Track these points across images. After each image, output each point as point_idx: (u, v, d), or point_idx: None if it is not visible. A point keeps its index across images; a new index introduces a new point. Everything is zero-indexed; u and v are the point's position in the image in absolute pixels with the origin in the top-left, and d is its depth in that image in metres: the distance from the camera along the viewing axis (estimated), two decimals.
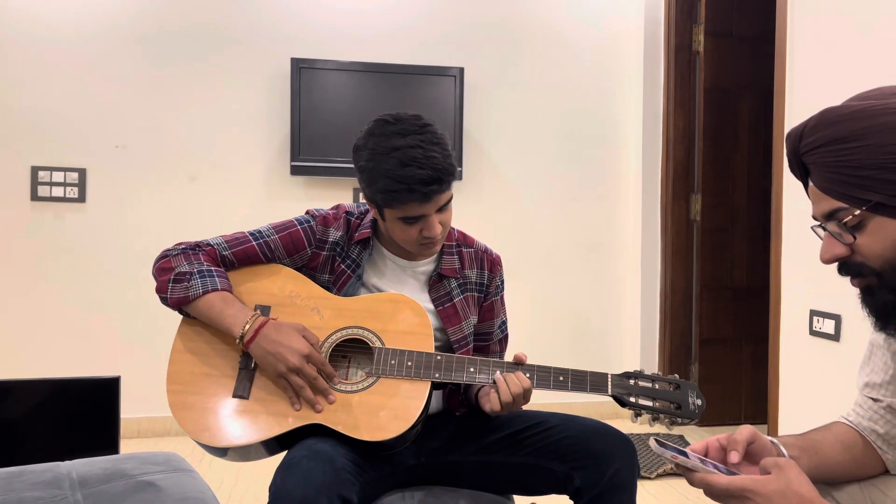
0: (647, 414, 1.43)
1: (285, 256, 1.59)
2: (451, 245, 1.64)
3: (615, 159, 3.90)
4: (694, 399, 1.42)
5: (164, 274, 1.52)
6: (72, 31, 3.40)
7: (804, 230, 2.66)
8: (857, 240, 0.99)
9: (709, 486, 0.97)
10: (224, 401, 1.47)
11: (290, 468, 1.31)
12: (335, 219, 1.61)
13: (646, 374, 1.45)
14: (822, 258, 1.03)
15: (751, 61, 3.71)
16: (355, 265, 1.59)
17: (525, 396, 1.44)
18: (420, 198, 1.44)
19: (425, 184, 1.43)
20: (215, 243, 1.57)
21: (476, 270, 1.66)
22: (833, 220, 1.01)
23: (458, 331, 1.61)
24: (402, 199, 1.45)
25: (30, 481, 1.51)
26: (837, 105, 1.02)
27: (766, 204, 3.31)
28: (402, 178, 1.42)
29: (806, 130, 1.02)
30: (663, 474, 3.02)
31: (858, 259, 1.00)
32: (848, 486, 1.13)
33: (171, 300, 1.51)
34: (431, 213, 1.48)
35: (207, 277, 1.49)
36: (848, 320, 2.47)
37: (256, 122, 3.57)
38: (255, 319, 1.46)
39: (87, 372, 3.10)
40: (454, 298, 1.62)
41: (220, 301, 1.48)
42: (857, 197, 0.97)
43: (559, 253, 3.86)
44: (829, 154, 0.99)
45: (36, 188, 3.39)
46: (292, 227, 1.59)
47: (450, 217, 1.54)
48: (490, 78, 3.75)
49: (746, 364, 3.81)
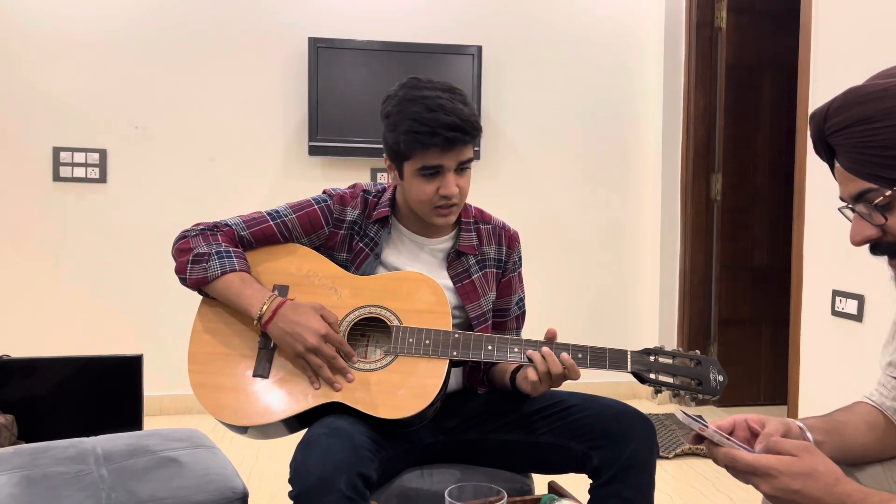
0: (667, 391, 1.41)
1: (303, 236, 1.59)
2: (468, 222, 1.64)
3: (635, 138, 3.86)
4: (715, 375, 1.40)
5: (183, 255, 1.53)
6: (92, 14, 3.41)
7: (827, 210, 2.63)
8: (889, 220, 0.98)
9: (733, 462, 0.97)
10: (244, 380, 1.48)
11: (310, 445, 1.32)
12: (352, 197, 1.61)
13: (666, 350, 1.43)
14: (853, 240, 1.02)
15: (774, 38, 3.65)
16: (373, 244, 1.59)
17: (566, 375, 1.41)
18: (442, 143, 1.45)
19: (449, 128, 1.44)
20: (233, 224, 1.57)
21: (494, 246, 1.66)
22: (862, 202, 0.99)
23: (476, 307, 1.61)
24: (424, 142, 1.45)
25: (55, 456, 1.54)
26: (861, 84, 1.00)
27: (788, 184, 3.27)
28: (427, 120, 1.45)
29: (831, 111, 1.00)
30: (681, 454, 3.02)
31: (891, 239, 0.99)
32: (870, 467, 1.12)
33: (190, 281, 1.52)
34: (451, 166, 1.49)
35: (226, 258, 1.50)
36: (871, 300, 2.44)
37: (274, 103, 3.57)
38: (273, 300, 1.46)
39: (111, 350, 3.15)
40: (472, 275, 1.62)
41: (238, 281, 1.49)
42: (887, 177, 0.95)
43: (577, 232, 3.84)
44: (856, 135, 0.97)
45: (58, 169, 3.42)
46: (309, 207, 1.59)
47: (468, 183, 1.54)
48: (508, 56, 3.71)
49: (765, 345, 3.78)
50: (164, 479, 1.47)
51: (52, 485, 1.42)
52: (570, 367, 1.41)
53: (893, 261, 1.01)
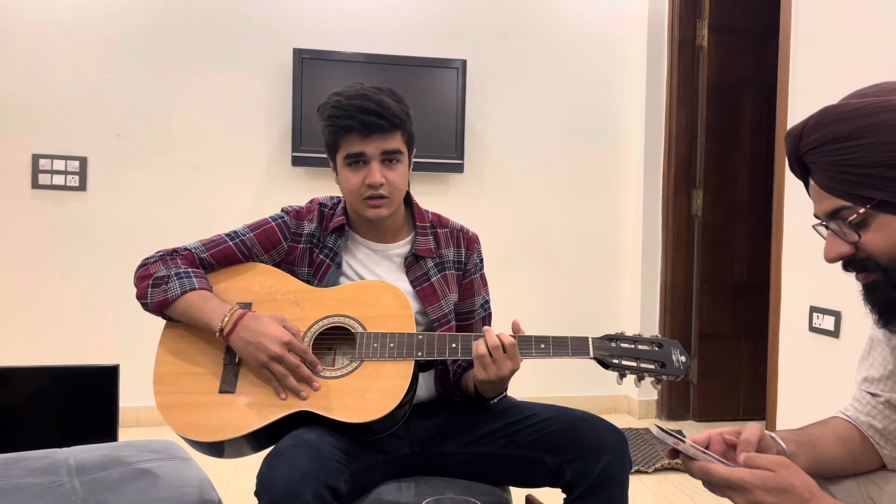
0: (631, 374, 1.41)
1: (262, 253, 1.61)
2: (424, 226, 1.66)
3: (617, 153, 3.89)
4: (678, 356, 1.41)
5: (143, 281, 1.55)
6: (74, 20, 3.39)
7: (805, 227, 2.65)
8: (862, 237, 0.99)
9: (708, 475, 0.97)
10: (211, 397, 1.47)
11: (277, 457, 1.32)
12: (308, 211, 1.64)
13: (627, 335, 1.44)
14: (827, 257, 1.03)
15: (754, 57, 3.70)
16: (333, 253, 1.61)
17: (510, 356, 1.41)
18: (359, 126, 1.49)
19: (364, 112, 1.48)
20: (192, 247, 1.60)
21: (453, 249, 1.68)
22: (836, 219, 1.00)
23: (437, 309, 1.62)
24: (342, 125, 1.50)
25: (27, 467, 1.52)
26: (836, 103, 1.01)
27: (767, 200, 3.30)
28: (345, 106, 1.50)
29: (806, 130, 1.02)
30: (661, 469, 3.02)
31: (863, 255, 1.00)
32: (845, 482, 1.13)
33: (152, 304, 1.52)
34: (374, 154, 1.52)
35: (185, 278, 1.51)
36: (848, 317, 2.46)
37: (258, 113, 3.56)
38: (234, 312, 1.47)
39: (87, 360, 3.11)
40: (431, 278, 1.63)
41: (199, 299, 1.49)
42: (860, 195, 0.97)
43: (560, 246, 3.85)
44: (831, 153, 0.98)
45: (37, 176, 3.38)
46: (266, 225, 1.62)
47: (399, 177, 1.56)
48: (492, 70, 3.74)
49: (745, 360, 3.81)
50: (138, 490, 1.45)
51: (24, 496, 1.39)
52: (510, 345, 1.40)
53: (860, 275, 1.03)
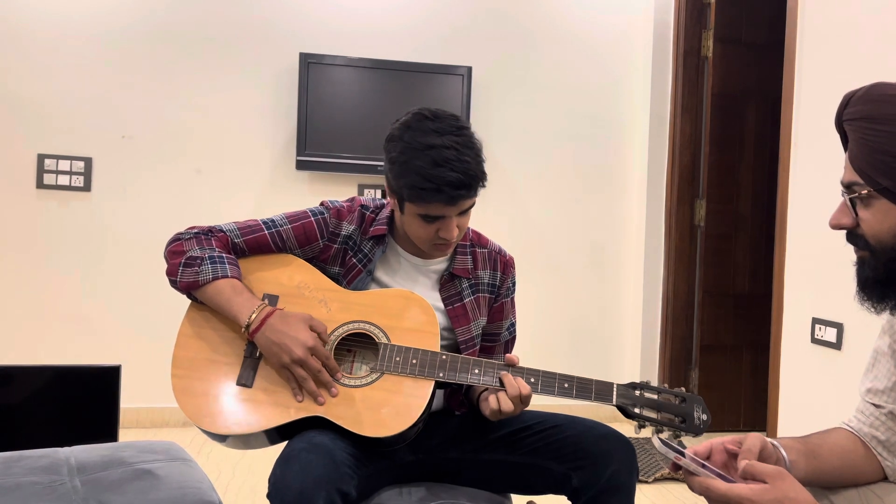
0: (650, 426, 1.41)
1: (297, 247, 1.58)
2: (464, 245, 1.64)
3: (620, 162, 3.89)
4: (699, 414, 1.40)
5: (176, 257, 1.51)
6: (81, 22, 3.41)
7: (808, 238, 2.66)
8: (860, 214, 1.03)
9: (707, 491, 0.98)
10: (227, 388, 1.47)
11: (290, 460, 1.31)
12: (349, 212, 1.60)
13: (651, 385, 1.43)
14: (830, 223, 1.08)
15: (759, 68, 3.70)
16: (367, 260, 1.58)
17: (524, 401, 1.42)
18: (446, 200, 1.44)
19: (454, 187, 1.43)
20: (228, 229, 1.56)
21: (489, 271, 1.65)
22: (850, 192, 1.04)
23: (466, 331, 1.60)
24: (427, 199, 1.44)
25: (28, 466, 1.51)
26: (888, 83, 1.05)
27: (770, 211, 3.30)
28: (432, 177, 1.42)
29: (852, 99, 1.06)
30: (661, 478, 3.01)
31: (860, 232, 1.05)
32: (845, 491, 1.13)
33: (181, 283, 1.50)
34: (453, 215, 1.48)
35: (218, 263, 1.49)
36: (850, 329, 2.46)
37: (263, 116, 3.57)
38: (262, 309, 1.45)
39: (89, 360, 3.10)
40: (464, 299, 1.61)
41: (229, 288, 1.47)
42: (871, 177, 1.01)
43: (562, 255, 3.86)
44: (862, 129, 1.02)
45: (42, 176, 3.39)
46: (306, 219, 1.58)
47: (468, 221, 1.55)
48: (497, 78, 3.74)
49: (746, 371, 3.80)
50: (138, 491, 1.44)
51: (24, 495, 1.39)
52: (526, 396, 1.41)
53: (856, 249, 1.08)
